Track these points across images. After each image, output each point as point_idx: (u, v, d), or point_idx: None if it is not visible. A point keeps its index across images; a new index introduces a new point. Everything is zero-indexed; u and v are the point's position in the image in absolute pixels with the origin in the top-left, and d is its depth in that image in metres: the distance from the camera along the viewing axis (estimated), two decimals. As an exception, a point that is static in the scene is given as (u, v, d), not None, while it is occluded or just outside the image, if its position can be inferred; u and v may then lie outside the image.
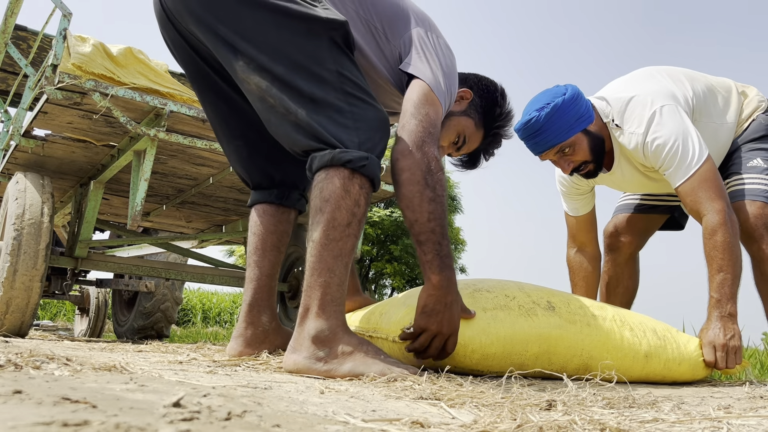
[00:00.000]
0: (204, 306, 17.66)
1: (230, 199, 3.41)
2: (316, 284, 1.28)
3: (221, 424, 0.47)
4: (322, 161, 1.32)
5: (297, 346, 1.27)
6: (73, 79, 2.19)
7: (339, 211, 1.29)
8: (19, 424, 0.39)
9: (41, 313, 13.11)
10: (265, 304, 1.62)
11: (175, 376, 1.04)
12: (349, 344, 1.25)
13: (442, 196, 1.37)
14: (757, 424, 0.87)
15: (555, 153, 1.94)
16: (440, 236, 1.35)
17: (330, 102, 1.34)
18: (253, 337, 1.58)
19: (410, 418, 0.68)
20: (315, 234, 1.30)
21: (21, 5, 2.57)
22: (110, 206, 3.68)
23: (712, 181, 1.77)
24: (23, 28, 3.56)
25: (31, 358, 0.98)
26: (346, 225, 1.29)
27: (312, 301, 1.27)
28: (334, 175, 1.30)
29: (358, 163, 1.30)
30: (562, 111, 1.87)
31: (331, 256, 1.28)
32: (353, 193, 1.31)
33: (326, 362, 1.23)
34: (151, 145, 2.39)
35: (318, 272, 1.28)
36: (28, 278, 2.45)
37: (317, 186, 1.32)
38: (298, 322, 1.29)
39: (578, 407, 0.92)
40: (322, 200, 1.30)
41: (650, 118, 1.85)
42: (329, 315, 1.26)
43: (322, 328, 1.25)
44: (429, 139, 1.38)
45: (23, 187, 2.59)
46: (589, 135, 1.92)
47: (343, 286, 1.29)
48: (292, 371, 1.26)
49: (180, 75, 4.33)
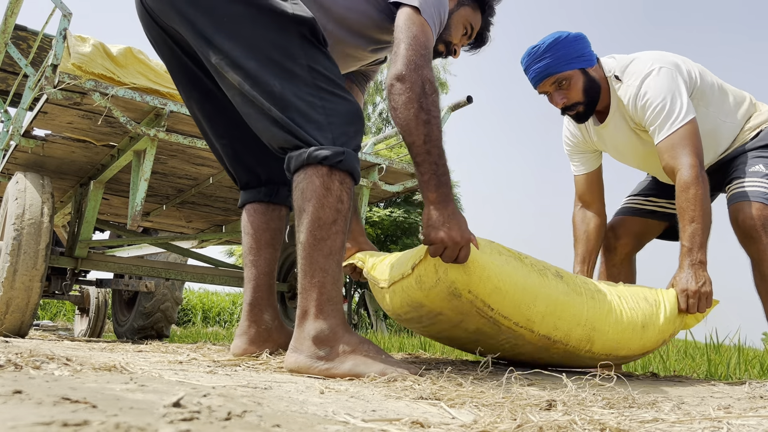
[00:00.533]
0: (204, 306, 17.66)
1: (230, 199, 3.41)
2: (310, 286, 1.28)
3: (221, 424, 0.47)
4: (299, 161, 1.32)
5: (298, 345, 1.28)
6: (73, 79, 2.19)
7: (323, 209, 1.29)
8: (19, 424, 0.39)
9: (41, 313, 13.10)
10: (266, 302, 1.62)
11: (175, 376, 1.04)
12: (349, 343, 1.26)
13: (437, 117, 1.38)
14: (757, 424, 0.87)
15: (552, 83, 2.00)
16: (436, 157, 1.35)
17: (302, 98, 1.35)
18: (256, 335, 1.58)
19: (410, 418, 0.68)
20: (302, 236, 1.30)
21: (21, 5, 2.56)
22: (110, 206, 3.68)
23: (690, 139, 1.84)
24: (23, 28, 3.56)
25: (31, 358, 0.98)
26: (332, 223, 1.29)
27: (309, 303, 1.28)
28: (313, 174, 1.31)
29: (334, 159, 1.30)
30: (565, 44, 1.96)
31: (321, 255, 1.28)
32: (335, 190, 1.31)
33: (327, 361, 1.24)
34: (151, 145, 2.39)
35: (311, 274, 1.28)
36: (28, 278, 2.45)
37: (298, 187, 1.33)
38: (297, 323, 1.30)
39: (578, 407, 0.92)
40: (304, 201, 1.31)
41: (646, 74, 1.93)
42: (327, 315, 1.27)
43: (322, 328, 1.26)
44: (421, 61, 1.39)
45: (23, 187, 2.59)
46: (586, 75, 2.00)
47: (338, 284, 1.30)
48: (293, 370, 1.27)
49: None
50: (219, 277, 3.42)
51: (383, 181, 3.04)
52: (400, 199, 13.12)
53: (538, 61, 1.98)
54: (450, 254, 1.34)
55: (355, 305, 15.35)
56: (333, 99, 1.37)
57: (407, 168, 3.03)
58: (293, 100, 1.34)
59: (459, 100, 3.04)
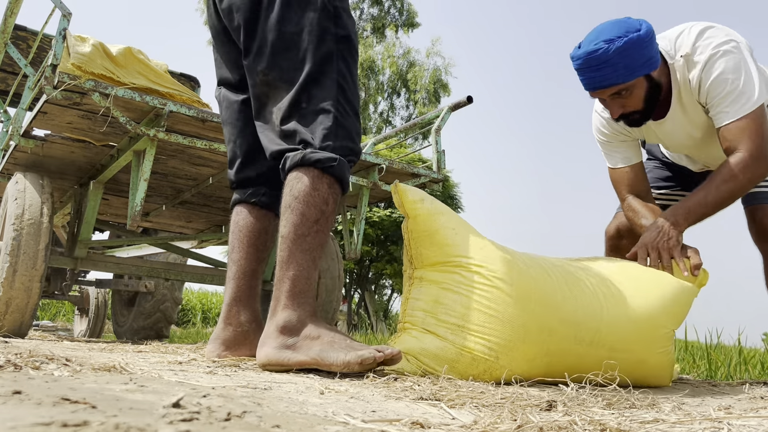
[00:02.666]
0: (204, 306, 17.65)
1: (230, 200, 3.41)
2: (284, 277, 1.31)
3: (221, 425, 0.47)
4: (293, 161, 1.38)
5: (265, 338, 1.30)
6: (73, 79, 2.18)
7: (308, 207, 1.34)
8: (18, 425, 0.39)
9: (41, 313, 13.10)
10: (245, 303, 1.60)
11: (174, 376, 1.04)
12: (315, 331, 1.27)
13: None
14: (758, 424, 0.87)
15: (611, 93, 1.76)
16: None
17: (321, 104, 1.41)
18: (232, 339, 1.56)
19: (410, 418, 0.68)
20: (285, 230, 1.34)
21: (21, 5, 2.56)
22: (110, 206, 3.67)
23: (753, 130, 1.67)
24: (23, 28, 3.56)
25: (30, 358, 0.97)
26: (314, 221, 1.34)
27: (281, 294, 1.31)
28: (304, 174, 1.36)
29: (327, 163, 1.36)
30: (634, 49, 1.67)
31: (299, 250, 1.32)
32: (322, 191, 1.36)
33: (294, 350, 1.25)
34: (150, 145, 2.38)
35: (287, 266, 1.32)
36: (27, 278, 2.44)
37: (288, 184, 1.38)
38: (269, 316, 1.32)
39: (578, 408, 0.91)
40: (291, 197, 1.35)
41: (719, 44, 1.71)
42: (297, 305, 1.29)
43: (290, 318, 1.28)
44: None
45: (23, 188, 2.59)
46: (650, 81, 1.76)
47: (310, 280, 1.33)
48: (264, 365, 1.28)
49: (179, 75, 4.33)
50: (219, 278, 3.42)
51: (383, 181, 3.04)
52: (399, 199, 13.09)
53: (597, 69, 1.69)
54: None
55: (355, 306, 15.35)
56: (347, 114, 1.44)
57: (407, 168, 3.03)
58: (312, 104, 1.41)
59: (459, 100, 3.03)
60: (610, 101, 1.79)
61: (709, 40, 1.73)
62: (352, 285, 14.83)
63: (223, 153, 2.65)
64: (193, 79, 4.43)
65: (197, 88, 4.46)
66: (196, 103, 2.81)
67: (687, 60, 1.76)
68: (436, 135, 3.06)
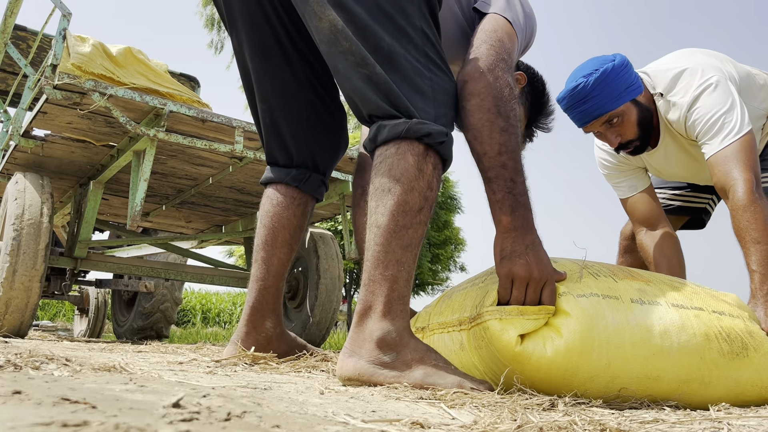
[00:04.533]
0: (203, 306, 17.66)
1: (230, 200, 3.41)
2: (382, 278, 1.09)
3: (221, 425, 0.47)
4: (394, 131, 1.12)
5: (356, 348, 1.08)
6: (73, 79, 2.18)
7: (411, 193, 1.10)
8: (18, 425, 0.39)
9: (41, 313, 13.10)
10: (271, 307, 1.48)
11: (174, 376, 1.04)
12: (416, 350, 1.08)
13: (515, 126, 1.18)
14: (758, 424, 0.87)
15: (602, 123, 1.81)
16: (513, 171, 1.15)
17: (411, 62, 1.16)
18: (254, 344, 1.46)
19: (410, 418, 0.68)
20: (382, 219, 1.10)
21: (21, 5, 2.56)
22: (110, 206, 3.68)
23: (745, 153, 1.66)
24: (23, 28, 3.56)
25: (30, 358, 0.98)
26: (418, 210, 1.11)
27: (376, 298, 1.09)
28: (407, 150, 1.11)
29: (437, 138, 1.12)
30: (612, 78, 1.75)
31: (400, 246, 1.09)
32: (427, 174, 1.12)
33: (393, 369, 1.05)
34: (150, 145, 2.38)
35: (384, 264, 1.09)
36: (27, 278, 2.44)
37: (385, 161, 1.12)
38: (357, 321, 1.11)
39: (578, 408, 0.92)
40: (391, 179, 1.11)
41: (699, 86, 1.76)
42: (395, 315, 1.08)
43: (389, 330, 1.07)
44: (502, 64, 1.21)
45: (23, 188, 2.59)
46: (638, 106, 1.81)
47: (410, 282, 1.12)
48: (352, 378, 1.07)
49: (179, 75, 4.33)
50: (219, 278, 3.42)
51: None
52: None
53: (583, 103, 1.77)
54: (531, 295, 1.11)
55: (355, 306, 15.37)
56: (440, 73, 1.19)
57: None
58: (401, 62, 1.15)
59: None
60: (605, 132, 1.83)
61: (689, 81, 1.77)
62: (352, 285, 14.83)
63: (223, 154, 2.64)
64: (193, 79, 4.43)
65: (197, 88, 4.46)
66: (196, 103, 2.81)
67: (666, 100, 1.82)
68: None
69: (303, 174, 1.51)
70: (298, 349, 1.57)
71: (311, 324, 3.30)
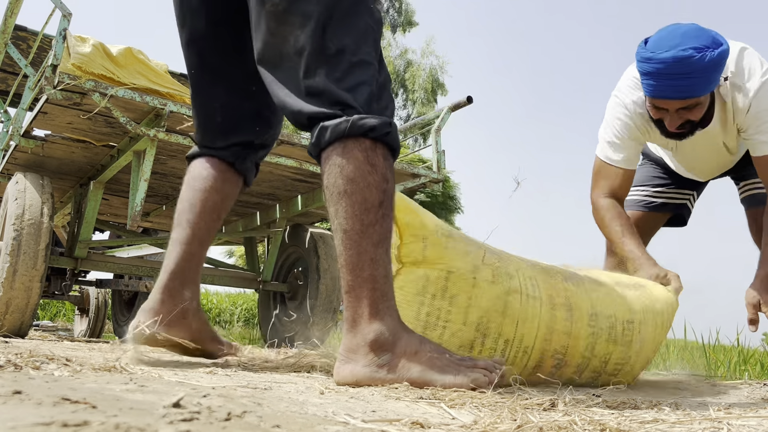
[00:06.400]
0: (203, 306, 17.64)
1: (230, 200, 3.41)
2: (361, 282, 1.07)
3: (221, 425, 0.47)
4: (337, 131, 1.09)
5: (351, 354, 1.07)
6: (73, 79, 2.18)
7: (369, 190, 1.08)
8: (18, 425, 0.39)
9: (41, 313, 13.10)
10: (192, 276, 1.36)
11: (174, 376, 1.04)
12: (410, 345, 1.06)
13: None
14: (758, 424, 0.87)
15: (683, 106, 1.61)
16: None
17: (357, 52, 1.12)
18: (169, 314, 1.31)
19: (410, 418, 0.68)
20: (346, 222, 1.08)
21: (21, 5, 2.56)
22: (110, 206, 3.68)
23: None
24: (23, 29, 3.56)
25: (30, 358, 0.98)
26: (379, 205, 1.09)
27: (361, 302, 1.07)
28: (354, 148, 1.08)
29: (382, 130, 1.09)
30: (720, 61, 1.54)
31: (371, 244, 1.07)
32: (380, 167, 1.10)
33: (390, 370, 1.04)
34: (150, 145, 2.39)
35: (360, 267, 1.07)
36: (27, 278, 2.45)
37: (334, 164, 1.09)
38: (347, 328, 1.09)
39: (578, 407, 0.92)
40: (344, 180, 1.08)
41: (764, 72, 1.64)
42: (383, 314, 1.07)
43: (381, 331, 1.06)
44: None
45: (23, 188, 2.59)
46: (712, 97, 1.67)
47: (389, 277, 1.10)
48: (350, 384, 1.06)
49: (180, 75, 4.33)
50: (219, 278, 3.42)
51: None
52: (399, 199, 13.08)
53: (685, 77, 1.52)
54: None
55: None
56: (382, 67, 1.17)
57: (407, 168, 3.03)
58: (349, 52, 1.12)
59: (459, 100, 3.04)
60: (674, 114, 1.63)
61: (753, 64, 1.66)
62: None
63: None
64: (193, 79, 4.42)
65: (197, 88, 4.45)
66: (196, 103, 2.80)
67: (732, 83, 1.68)
68: (436, 135, 3.06)
69: (237, 153, 1.43)
70: (208, 333, 1.43)
71: (311, 324, 3.30)
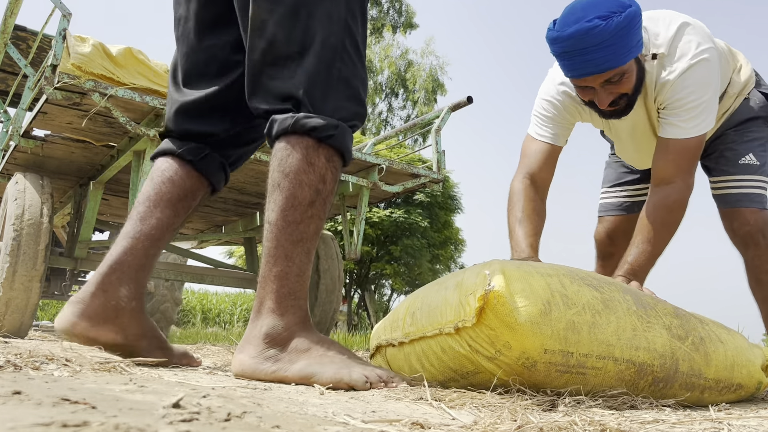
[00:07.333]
0: (203, 307, 17.65)
1: (230, 200, 3.41)
2: (271, 275, 1.09)
3: (221, 425, 0.47)
4: (282, 127, 1.11)
5: (245, 344, 1.09)
6: (73, 79, 2.18)
7: (300, 188, 1.09)
8: (18, 425, 0.39)
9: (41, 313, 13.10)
10: (132, 274, 1.22)
11: (174, 376, 1.04)
12: (304, 342, 1.07)
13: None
14: (758, 424, 0.87)
15: (603, 81, 1.51)
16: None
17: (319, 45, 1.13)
18: (98, 311, 1.17)
19: (410, 419, 0.68)
20: (272, 215, 1.10)
21: (21, 5, 2.56)
22: (110, 206, 3.68)
23: (694, 154, 1.60)
24: (23, 29, 3.56)
25: (30, 358, 0.98)
26: (308, 204, 1.10)
27: (267, 295, 1.09)
28: (296, 144, 1.10)
29: (324, 132, 1.10)
30: (632, 25, 1.43)
31: (289, 241, 1.08)
32: (318, 167, 1.11)
33: (275, 362, 1.05)
34: (150, 145, 2.38)
35: (274, 260, 1.09)
36: (27, 279, 2.44)
37: (276, 157, 1.12)
38: (252, 317, 1.11)
39: (579, 408, 0.91)
40: (280, 174, 1.10)
41: (698, 53, 1.55)
42: (285, 310, 1.08)
43: (275, 325, 1.07)
44: None
45: (23, 188, 2.59)
46: (638, 64, 1.54)
47: (303, 277, 1.10)
48: (237, 375, 1.08)
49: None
50: (219, 278, 3.42)
51: (383, 182, 3.04)
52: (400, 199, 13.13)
53: (594, 50, 1.42)
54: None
55: (355, 306, 15.36)
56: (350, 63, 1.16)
57: (407, 168, 3.03)
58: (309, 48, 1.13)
59: (459, 100, 3.04)
60: (601, 90, 1.54)
61: (687, 45, 1.57)
62: (352, 285, 14.83)
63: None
64: (193, 80, 4.43)
65: (197, 88, 4.46)
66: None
67: (661, 59, 1.60)
68: (436, 135, 3.06)
69: (199, 150, 1.34)
70: (154, 342, 1.26)
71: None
